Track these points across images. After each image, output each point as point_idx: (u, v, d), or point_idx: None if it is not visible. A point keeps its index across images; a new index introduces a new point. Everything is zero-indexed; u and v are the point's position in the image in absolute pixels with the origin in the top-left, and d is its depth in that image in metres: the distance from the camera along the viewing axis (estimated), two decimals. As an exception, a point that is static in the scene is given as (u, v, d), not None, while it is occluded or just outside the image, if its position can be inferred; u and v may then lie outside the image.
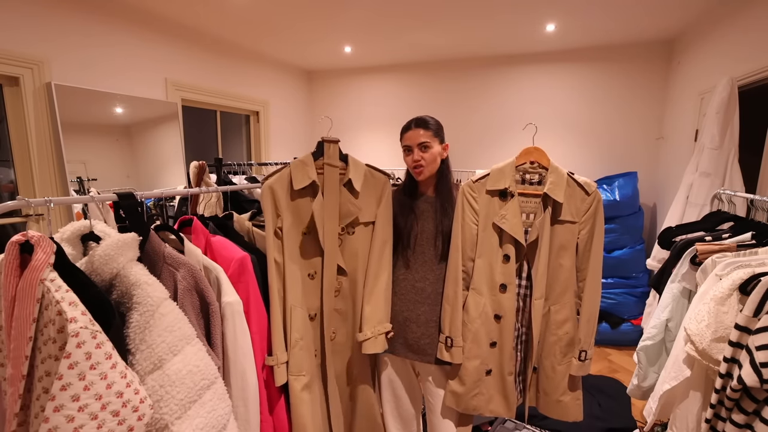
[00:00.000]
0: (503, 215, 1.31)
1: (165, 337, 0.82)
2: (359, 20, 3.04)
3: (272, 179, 1.25)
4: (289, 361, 1.24)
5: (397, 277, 1.44)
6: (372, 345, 1.31)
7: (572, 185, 1.31)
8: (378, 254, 1.36)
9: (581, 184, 1.31)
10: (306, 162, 1.27)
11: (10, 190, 2.46)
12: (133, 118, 2.90)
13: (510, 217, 1.30)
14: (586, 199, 1.31)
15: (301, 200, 1.27)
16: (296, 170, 1.26)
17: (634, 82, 3.51)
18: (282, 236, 1.24)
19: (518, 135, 3.96)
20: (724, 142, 2.11)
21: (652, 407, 1.32)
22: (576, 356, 1.35)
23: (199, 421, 0.84)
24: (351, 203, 1.31)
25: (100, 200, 1.11)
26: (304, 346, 1.27)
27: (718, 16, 2.62)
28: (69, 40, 2.50)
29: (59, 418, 0.64)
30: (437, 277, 1.40)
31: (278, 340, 1.22)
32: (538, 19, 2.96)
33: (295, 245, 1.27)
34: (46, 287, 0.71)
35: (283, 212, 1.25)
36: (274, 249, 1.24)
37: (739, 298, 1.08)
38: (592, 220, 1.32)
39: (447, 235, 1.39)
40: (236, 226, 1.40)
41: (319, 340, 1.34)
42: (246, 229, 1.40)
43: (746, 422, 0.97)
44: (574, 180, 1.31)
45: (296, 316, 1.26)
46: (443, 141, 1.44)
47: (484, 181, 1.34)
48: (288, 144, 4.62)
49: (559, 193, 1.28)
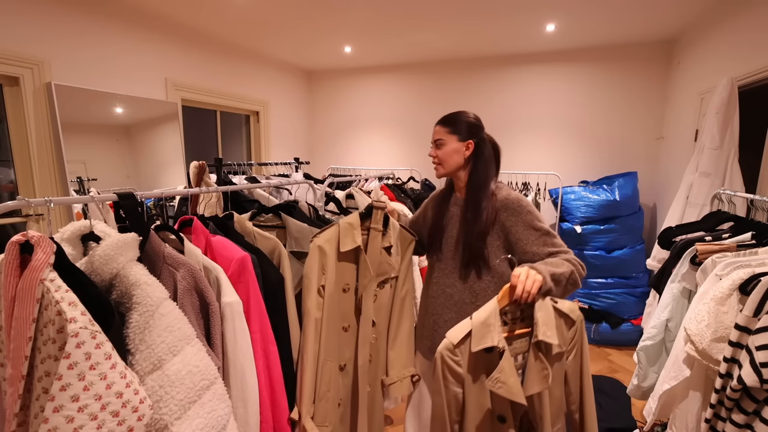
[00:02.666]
0: (497, 378, 1.05)
1: (165, 337, 0.82)
2: (359, 20, 3.04)
3: (321, 239, 1.30)
4: (315, 414, 1.28)
5: (431, 280, 1.43)
6: (398, 388, 1.40)
7: (558, 317, 1.11)
8: (400, 304, 1.43)
9: (566, 313, 1.12)
10: (354, 225, 1.35)
11: (10, 190, 2.46)
12: (133, 118, 2.90)
13: (505, 379, 1.04)
14: (572, 328, 1.13)
15: (346, 260, 1.35)
16: (344, 233, 1.33)
17: (634, 82, 3.51)
18: (324, 294, 1.30)
19: (518, 135, 3.97)
20: (724, 142, 2.11)
21: (652, 407, 1.32)
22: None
23: (198, 421, 0.84)
24: (387, 263, 1.39)
25: (100, 200, 1.11)
26: (330, 398, 1.32)
27: (718, 16, 2.62)
28: (69, 40, 2.50)
29: (59, 419, 0.64)
30: (464, 285, 1.34)
31: (308, 396, 1.26)
32: (539, 19, 2.96)
33: (333, 301, 1.33)
34: (45, 287, 0.71)
35: (328, 271, 1.30)
36: (314, 306, 1.28)
37: (739, 298, 1.08)
38: (579, 344, 1.14)
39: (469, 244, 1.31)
40: (236, 226, 1.40)
41: (345, 390, 1.39)
42: (247, 229, 1.40)
43: (746, 422, 0.98)
44: (559, 310, 1.12)
45: (326, 369, 1.31)
46: (466, 138, 1.34)
47: (467, 343, 1.09)
48: (288, 144, 4.62)
49: (552, 333, 1.06)
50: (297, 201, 1.72)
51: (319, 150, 4.96)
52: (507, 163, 3.98)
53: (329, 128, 4.87)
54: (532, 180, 3.66)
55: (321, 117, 4.89)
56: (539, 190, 3.57)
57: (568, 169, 3.74)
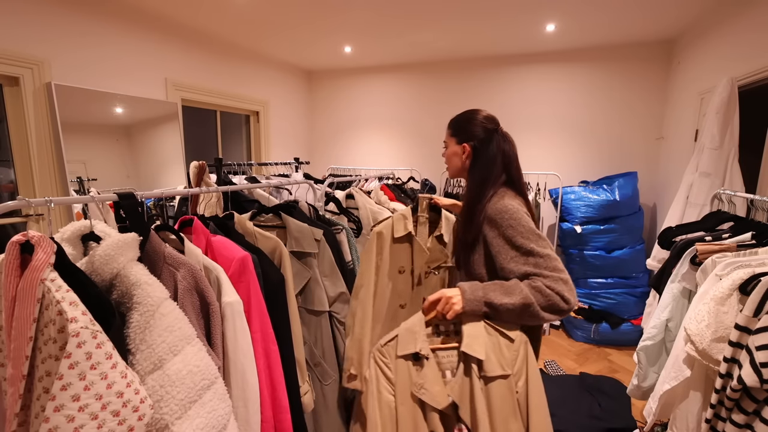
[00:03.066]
0: (421, 384, 1.06)
1: (165, 337, 0.82)
2: (359, 20, 3.04)
3: (379, 227, 1.46)
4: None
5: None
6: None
7: (494, 333, 1.08)
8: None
9: (504, 330, 1.07)
10: (406, 215, 1.47)
11: (10, 190, 2.46)
12: (133, 118, 2.90)
13: (429, 386, 1.05)
14: (511, 346, 1.06)
15: (400, 245, 1.47)
16: (397, 222, 1.46)
17: (634, 82, 3.51)
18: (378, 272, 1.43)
19: (518, 135, 3.95)
20: (724, 142, 2.11)
21: (652, 407, 1.32)
22: None
23: (199, 421, 0.84)
24: (440, 251, 1.47)
25: (100, 200, 1.11)
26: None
27: (717, 16, 2.62)
28: (69, 40, 2.50)
29: (59, 418, 0.64)
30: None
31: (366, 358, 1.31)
32: (538, 20, 2.96)
33: (388, 280, 1.46)
34: (46, 287, 0.71)
35: (384, 254, 1.44)
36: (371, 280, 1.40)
37: (739, 298, 1.08)
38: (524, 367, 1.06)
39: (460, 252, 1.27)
40: (237, 226, 1.40)
41: None
42: (248, 229, 1.40)
43: (746, 422, 0.98)
44: (494, 326, 1.08)
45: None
46: (462, 141, 1.28)
47: (394, 344, 1.11)
48: (288, 144, 4.62)
49: (480, 348, 1.02)
50: (297, 201, 1.72)
51: (319, 150, 4.96)
52: (507, 163, 3.99)
53: (329, 128, 4.87)
54: (532, 180, 3.66)
55: (321, 117, 4.89)
56: (539, 190, 3.57)
57: (568, 169, 3.74)
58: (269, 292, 1.23)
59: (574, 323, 3.37)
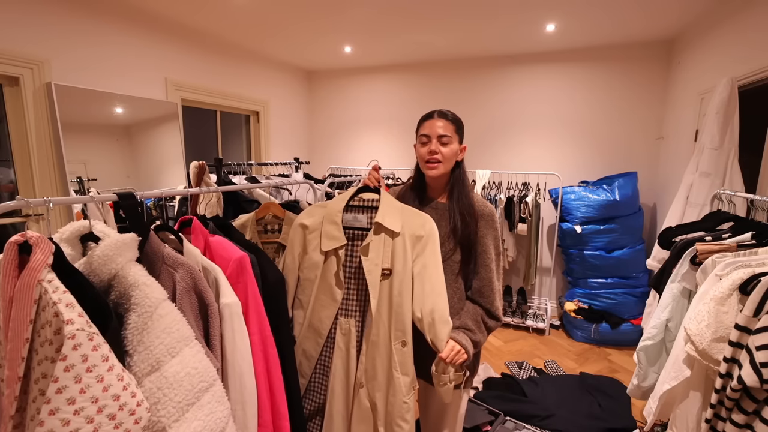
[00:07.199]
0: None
1: (163, 338, 0.81)
2: (359, 20, 3.03)
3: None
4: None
5: None
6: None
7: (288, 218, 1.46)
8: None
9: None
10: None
11: (10, 190, 2.46)
12: (133, 118, 2.90)
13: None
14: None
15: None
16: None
17: (634, 82, 3.51)
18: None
19: (518, 135, 3.96)
20: (724, 142, 2.11)
21: (652, 407, 1.32)
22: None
23: (197, 424, 0.83)
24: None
25: (100, 200, 1.11)
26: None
27: (717, 16, 2.61)
28: (69, 40, 2.50)
29: (54, 422, 0.64)
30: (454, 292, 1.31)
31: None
32: (538, 19, 2.96)
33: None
34: (43, 288, 0.70)
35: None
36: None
37: (739, 298, 1.08)
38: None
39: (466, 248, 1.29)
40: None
41: None
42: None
43: (746, 422, 0.97)
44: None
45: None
46: (462, 141, 1.35)
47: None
48: (288, 144, 4.62)
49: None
50: (297, 201, 1.72)
51: (319, 150, 4.96)
52: (507, 163, 3.98)
53: (329, 128, 4.87)
54: (532, 180, 3.65)
55: (321, 117, 4.89)
56: (539, 190, 3.57)
57: (568, 169, 3.73)
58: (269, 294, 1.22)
59: (574, 323, 3.37)
